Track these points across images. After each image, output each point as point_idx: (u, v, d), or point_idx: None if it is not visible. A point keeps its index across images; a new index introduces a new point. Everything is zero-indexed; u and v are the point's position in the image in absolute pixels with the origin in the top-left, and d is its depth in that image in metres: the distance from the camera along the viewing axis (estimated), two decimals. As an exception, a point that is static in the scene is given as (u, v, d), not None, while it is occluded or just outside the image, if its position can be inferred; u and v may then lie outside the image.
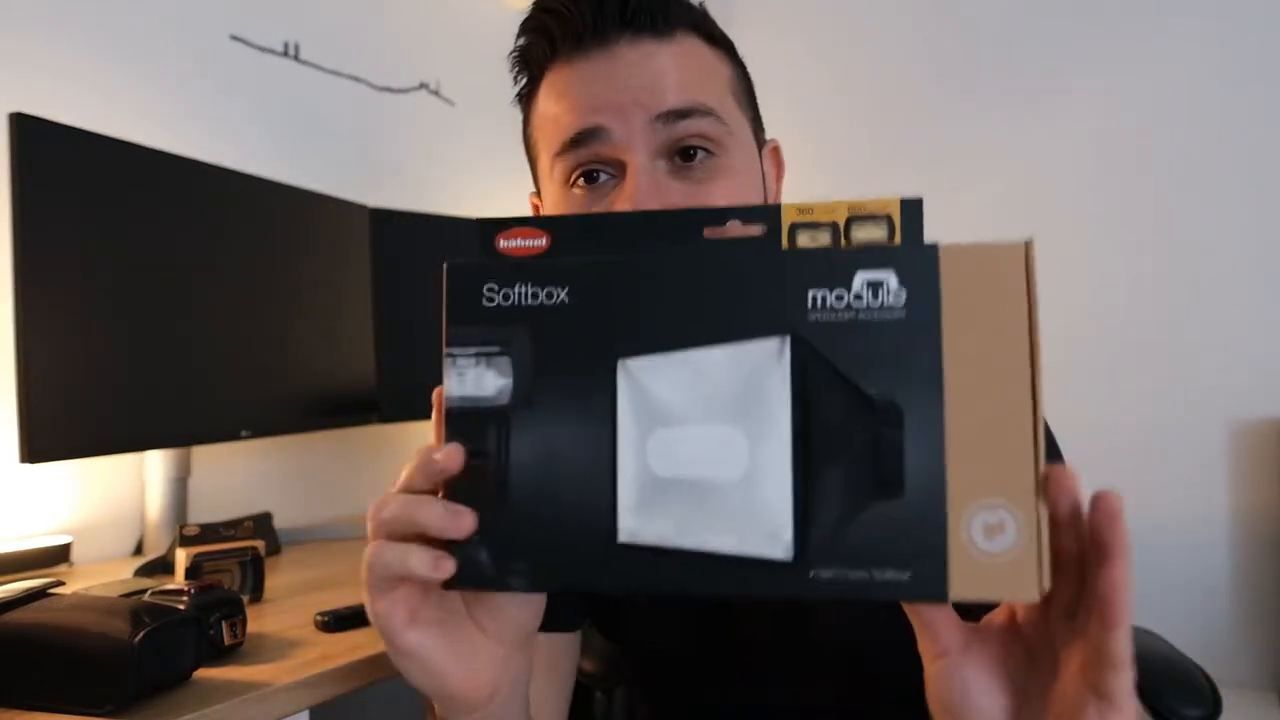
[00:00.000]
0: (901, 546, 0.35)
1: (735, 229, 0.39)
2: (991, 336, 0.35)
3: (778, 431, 0.37)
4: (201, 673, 0.74)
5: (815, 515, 0.36)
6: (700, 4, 0.63)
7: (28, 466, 0.97)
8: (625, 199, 0.56)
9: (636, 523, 0.37)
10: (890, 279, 0.36)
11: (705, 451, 0.37)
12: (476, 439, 0.39)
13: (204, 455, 1.28)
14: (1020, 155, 1.86)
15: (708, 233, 0.40)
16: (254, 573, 0.96)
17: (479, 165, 1.90)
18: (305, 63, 1.53)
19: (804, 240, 0.38)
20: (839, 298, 0.36)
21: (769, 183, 0.65)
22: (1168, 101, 1.72)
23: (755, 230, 0.39)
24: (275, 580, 1.06)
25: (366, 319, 1.45)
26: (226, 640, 0.78)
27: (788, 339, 0.37)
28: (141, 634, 0.66)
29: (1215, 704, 0.84)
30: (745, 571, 0.36)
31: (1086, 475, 0.36)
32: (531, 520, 0.38)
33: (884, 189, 1.76)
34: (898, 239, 0.38)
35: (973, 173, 1.89)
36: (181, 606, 0.74)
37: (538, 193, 0.66)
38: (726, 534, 0.37)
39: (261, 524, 1.19)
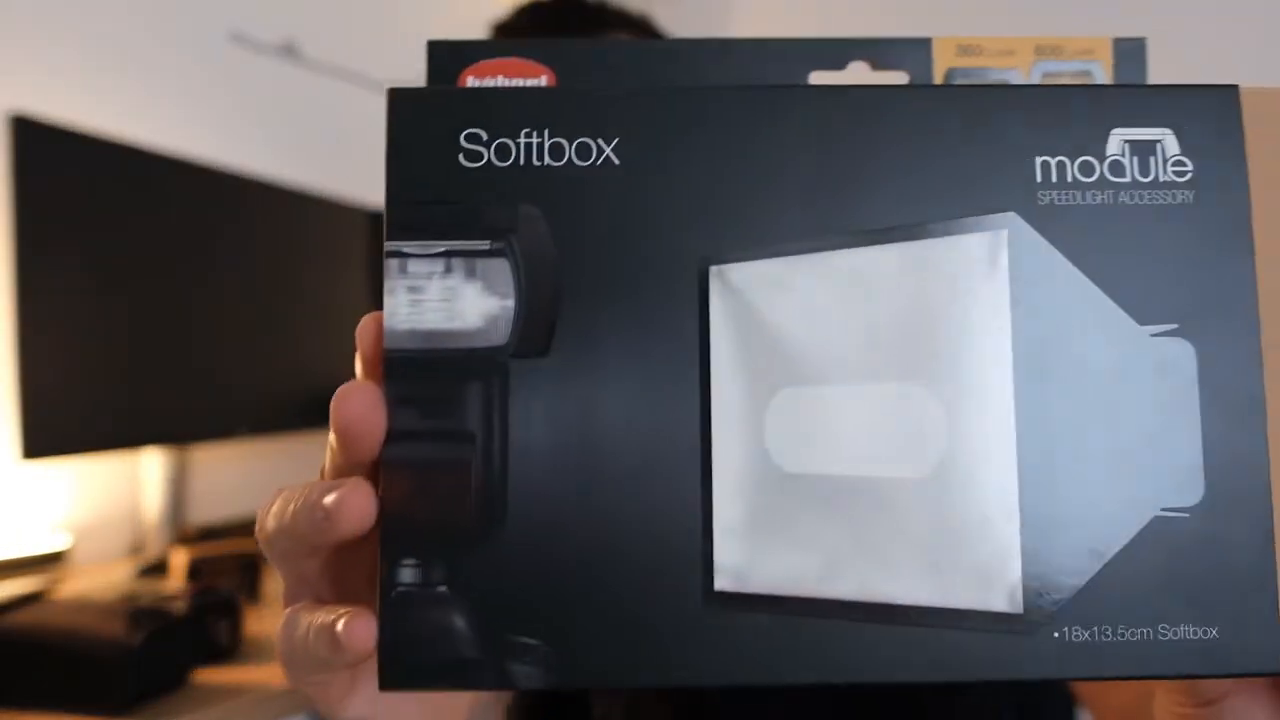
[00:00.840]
0: (1200, 587, 0.22)
1: (862, 73, 0.27)
2: None
3: (993, 392, 0.22)
4: (199, 674, 0.74)
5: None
6: (641, 16, 0.66)
7: (26, 469, 0.97)
8: None
9: (745, 557, 0.22)
10: (1168, 139, 0.23)
11: (867, 429, 0.23)
12: (444, 409, 0.23)
13: (203, 456, 1.28)
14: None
15: (816, 77, 0.27)
16: (252, 574, 0.96)
17: (479, 166, 1.90)
18: (305, 62, 1.53)
19: None
20: (1085, 167, 0.23)
21: None
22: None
23: (895, 76, 0.27)
24: (274, 581, 1.06)
25: (366, 319, 1.45)
26: (225, 641, 0.78)
27: (1004, 234, 0.23)
28: (140, 636, 0.66)
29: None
30: (943, 637, 0.22)
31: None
32: (547, 558, 0.22)
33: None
34: None
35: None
36: (179, 608, 0.74)
37: None
38: (909, 573, 0.22)
39: (260, 525, 1.19)
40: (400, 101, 0.23)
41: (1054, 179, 0.23)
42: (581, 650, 0.22)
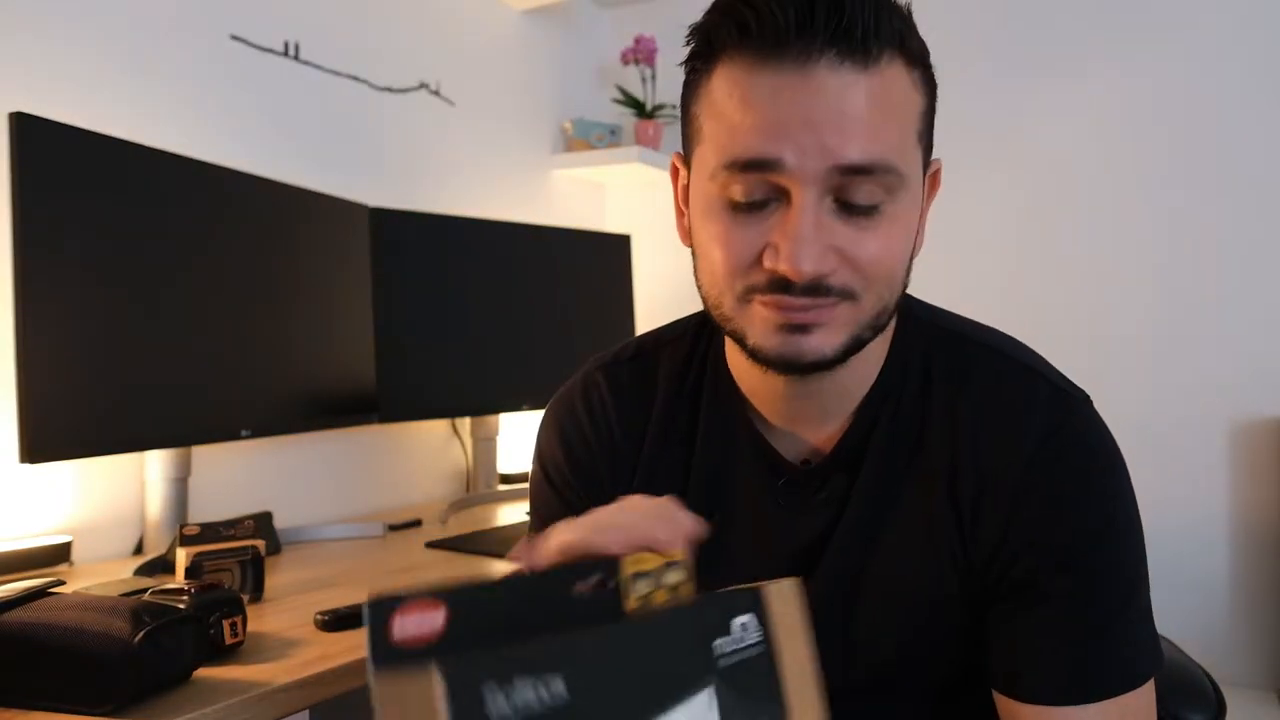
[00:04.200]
0: None
1: (588, 587, 0.43)
2: (799, 648, 0.44)
3: None
4: (201, 672, 0.74)
5: None
6: (907, 6, 0.60)
7: (28, 466, 0.97)
8: (788, 235, 0.56)
9: None
10: (752, 619, 0.42)
11: None
12: None
13: (204, 454, 1.28)
14: (1022, 152, 1.86)
15: (579, 586, 0.43)
16: (254, 572, 0.96)
17: (479, 165, 1.90)
18: (305, 63, 1.53)
19: (642, 588, 0.44)
20: (733, 641, 0.42)
21: (921, 204, 0.64)
22: (1167, 100, 1.72)
23: (597, 582, 0.43)
24: (275, 580, 1.06)
25: (366, 319, 1.45)
26: (227, 639, 0.78)
27: (713, 687, 0.40)
28: (142, 633, 0.66)
29: (1220, 707, 0.83)
30: None
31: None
32: None
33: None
34: (691, 584, 0.45)
35: (972, 171, 1.89)
36: (182, 606, 0.74)
37: (685, 158, 0.65)
38: None
39: (262, 523, 1.19)
40: (448, 673, 0.33)
41: (721, 650, 0.41)
42: None
